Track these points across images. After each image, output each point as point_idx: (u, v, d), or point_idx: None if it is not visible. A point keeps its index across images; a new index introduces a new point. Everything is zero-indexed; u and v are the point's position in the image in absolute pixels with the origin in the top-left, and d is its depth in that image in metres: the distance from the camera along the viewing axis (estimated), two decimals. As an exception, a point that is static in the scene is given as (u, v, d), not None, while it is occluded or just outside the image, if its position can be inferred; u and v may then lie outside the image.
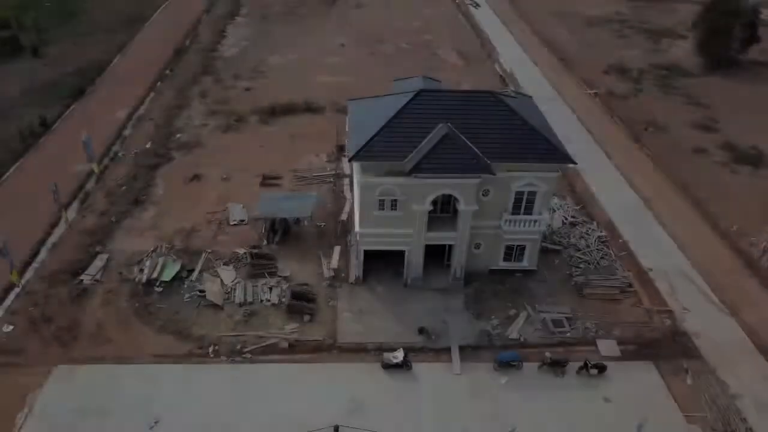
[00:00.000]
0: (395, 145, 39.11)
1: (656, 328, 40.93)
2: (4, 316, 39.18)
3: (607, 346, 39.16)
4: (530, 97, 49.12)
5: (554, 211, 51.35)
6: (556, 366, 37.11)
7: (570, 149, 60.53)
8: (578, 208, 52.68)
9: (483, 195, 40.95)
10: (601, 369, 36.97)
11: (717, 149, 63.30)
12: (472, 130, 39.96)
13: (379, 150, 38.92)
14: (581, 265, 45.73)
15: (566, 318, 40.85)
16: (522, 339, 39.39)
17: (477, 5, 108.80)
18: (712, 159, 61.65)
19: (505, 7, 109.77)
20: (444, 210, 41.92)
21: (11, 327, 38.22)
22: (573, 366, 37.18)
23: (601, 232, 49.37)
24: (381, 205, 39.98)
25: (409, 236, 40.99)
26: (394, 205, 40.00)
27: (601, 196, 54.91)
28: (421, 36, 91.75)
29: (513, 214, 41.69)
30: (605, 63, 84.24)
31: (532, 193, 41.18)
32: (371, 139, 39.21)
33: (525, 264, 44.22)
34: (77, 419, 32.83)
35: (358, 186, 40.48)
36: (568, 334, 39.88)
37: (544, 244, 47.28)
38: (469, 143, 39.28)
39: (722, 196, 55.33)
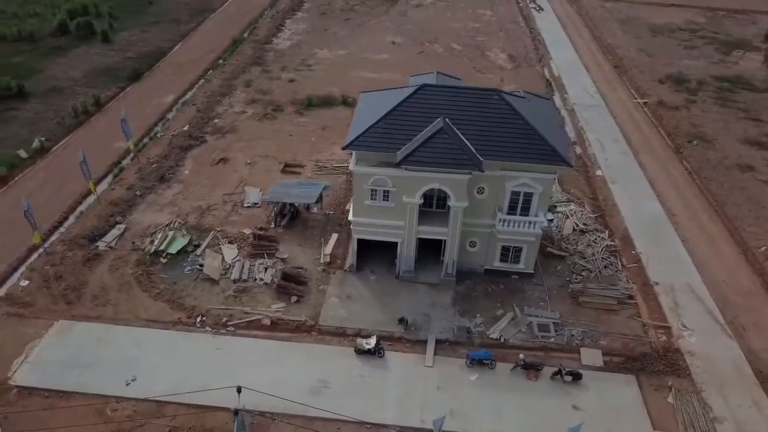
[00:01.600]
0: (391, 136, 39.72)
1: (648, 342, 39.43)
2: (24, 272, 42.75)
3: (591, 355, 38.15)
4: (548, 99, 48.33)
5: (567, 217, 50.32)
6: (530, 369, 36.59)
7: (601, 157, 60.56)
8: (595, 216, 51.23)
9: (478, 193, 40.88)
10: (576, 376, 36.13)
11: (766, 168, 59.79)
12: (471, 126, 40.02)
13: (374, 140, 39.65)
14: (583, 273, 44.63)
15: (553, 323, 40.10)
16: (502, 339, 39.05)
17: (540, 9, 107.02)
18: (757, 177, 58.27)
19: (570, 11, 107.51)
20: (439, 206, 42.12)
21: (27, 282, 41.72)
22: (550, 371, 36.60)
23: (611, 241, 47.89)
24: (373, 195, 40.70)
25: (400, 228, 41.47)
26: (386, 195, 40.62)
27: (623, 206, 53.19)
28: (474, 37, 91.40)
29: (509, 214, 41.35)
30: (663, 72, 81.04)
31: (529, 194, 40.67)
32: (367, 129, 40.02)
33: (521, 266, 43.65)
34: (64, 370, 35.50)
35: (353, 175, 41.41)
36: (552, 340, 39.13)
37: (549, 249, 46.76)
38: (463, 139, 39.35)
39: (760, 216, 52.32)
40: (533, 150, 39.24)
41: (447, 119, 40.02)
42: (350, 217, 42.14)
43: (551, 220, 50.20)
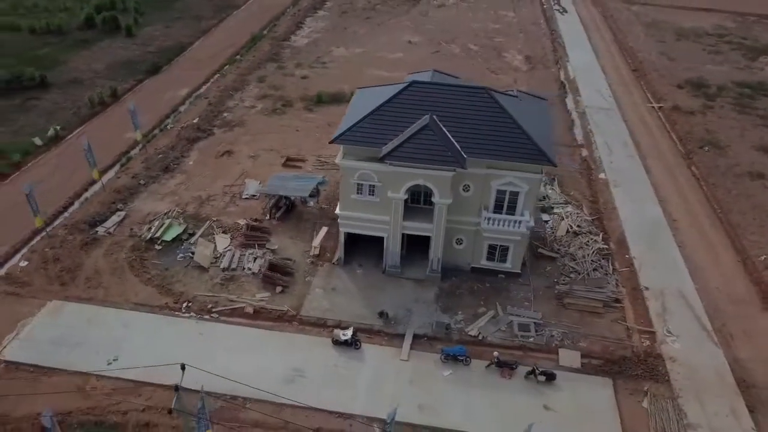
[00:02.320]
0: (377, 132, 40.15)
1: (630, 346, 39.00)
2: (25, 253, 44.51)
3: (569, 357, 37.93)
4: (544, 99, 47.95)
5: (562, 219, 49.99)
6: (504, 367, 36.59)
7: (606, 160, 59.87)
8: (592, 219, 50.73)
9: (464, 190, 41.02)
10: (550, 377, 35.99)
11: (777, 176, 58.39)
12: (459, 124, 40.19)
13: (360, 135, 40.15)
14: (571, 275, 44.32)
15: (534, 323, 39.96)
16: (480, 337, 39.10)
17: (564, 11, 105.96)
18: (767, 185, 56.89)
19: (594, 14, 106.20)
20: (426, 202, 42.33)
21: (26, 263, 43.45)
22: (525, 370, 36.53)
23: (604, 244, 47.40)
24: (359, 189, 41.19)
25: (386, 223, 41.87)
26: (372, 190, 41.06)
27: (623, 209, 52.55)
28: (493, 38, 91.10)
29: (495, 212, 41.35)
30: (683, 77, 79.51)
31: (515, 194, 40.61)
32: (354, 124, 40.56)
33: (508, 266, 43.58)
34: (52, 347, 36.91)
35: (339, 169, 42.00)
36: (531, 339, 39.02)
37: (540, 249, 46.59)
38: (449, 136, 39.55)
39: (765, 225, 51.14)
40: (519, 149, 39.19)
41: (435, 116, 40.25)
42: (337, 211, 42.71)
43: (546, 222, 50.14)
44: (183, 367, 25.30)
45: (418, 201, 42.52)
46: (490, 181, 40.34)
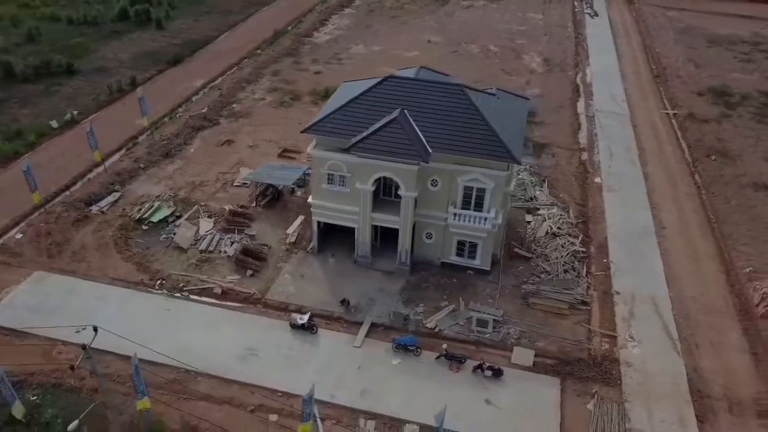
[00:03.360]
0: (349, 124, 41.09)
1: (588, 349, 38.70)
2: (22, 227, 47.37)
3: (522, 355, 37.93)
4: (526, 99, 47.90)
5: (544, 220, 49.72)
6: (453, 360, 36.94)
7: (605, 164, 59.02)
8: (576, 222, 50.24)
9: (432, 185, 41.52)
10: (497, 372, 36.15)
11: (785, 189, 56.33)
12: (429, 119, 40.75)
13: (332, 126, 41.19)
14: (542, 275, 44.15)
15: (494, 320, 40.07)
16: (437, 329, 39.52)
17: (594, 14, 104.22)
18: (771, 198, 55.08)
19: (626, 18, 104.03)
20: (397, 195, 42.86)
21: (21, 235, 46.30)
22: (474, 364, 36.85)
23: (581, 247, 46.95)
24: (330, 179, 42.20)
25: (356, 214, 42.73)
26: (342, 181, 42.00)
27: (611, 214, 51.85)
28: (514, 40, 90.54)
29: (463, 209, 41.65)
30: (706, 84, 77.28)
31: (481, 190, 40.84)
32: (327, 115, 41.69)
33: (477, 262, 43.78)
34: (29, 315, 39.31)
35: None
36: (487, 336, 39.18)
37: (516, 249, 46.56)
38: (417, 130, 40.13)
39: (758, 237, 49.54)
40: (484, 145, 39.43)
41: (405, 111, 40.90)
42: (310, 200, 43.85)
43: (529, 222, 50.00)
44: (95, 329, 26.85)
45: (390, 194, 43.21)
46: (457, 176, 40.70)
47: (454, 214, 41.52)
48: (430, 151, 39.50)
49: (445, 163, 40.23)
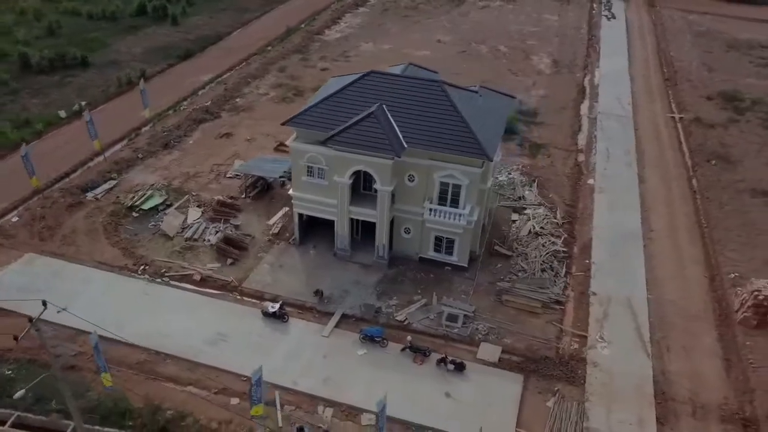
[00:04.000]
0: (329, 117, 41.70)
1: (556, 347, 38.67)
2: (19, 210, 49.22)
3: (488, 351, 38.09)
4: (513, 98, 47.89)
5: (529, 219, 49.66)
6: (417, 352, 37.30)
7: (601, 166, 58.59)
8: (562, 222, 50.03)
9: (409, 180, 41.92)
10: (459, 366, 36.41)
11: (783, 195, 55.17)
12: (407, 114, 41.14)
13: (312, 119, 41.88)
14: (519, 273, 44.17)
15: (464, 315, 40.29)
16: (406, 322, 39.91)
17: (612, 17, 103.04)
18: (768, 204, 54.02)
19: (644, 21, 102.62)
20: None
21: (17, 218, 48.11)
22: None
23: (562, 247, 46.77)
24: (309, 171, 42.91)
25: (335, 206, 43.35)
26: (321, 173, 42.68)
27: (599, 216, 51.52)
28: (525, 41, 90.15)
29: (439, 204, 41.95)
30: (716, 89, 75.98)
31: (457, 186, 41.08)
32: (307, 108, 42.42)
33: (454, 258, 44.02)
34: (15, 293, 40.70)
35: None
36: (456, 330, 39.42)
37: (497, 247, 46.66)
38: (393, 125, 40.58)
39: (748, 243, 48.72)
40: (458, 142, 39.65)
41: (384, 106, 41.39)
42: (290, 192, 44.64)
43: (514, 221, 50.01)
44: (44, 304, 27.93)
45: (369, 188, 43.68)
46: (433, 172, 41.02)
47: (430, 210, 41.84)
48: (406, 146, 39.90)
49: (421, 158, 40.61)
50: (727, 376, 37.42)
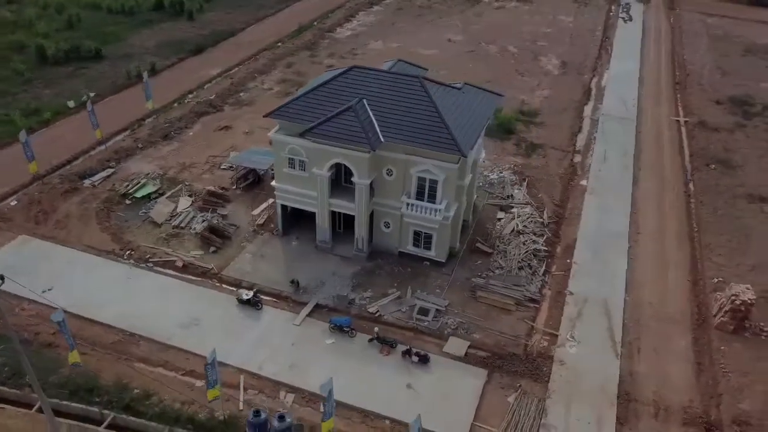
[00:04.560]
0: (310, 110, 42.42)
1: (524, 345, 38.70)
2: (19, 195, 51.04)
3: (456, 345, 38.33)
4: (501, 96, 47.90)
5: (513, 218, 49.64)
6: (384, 343, 37.74)
7: (595, 168, 58.17)
8: (547, 222, 49.88)
9: (387, 174, 42.38)
10: (423, 359, 36.74)
11: (782, 201, 54.09)
12: (387, 109, 41.59)
13: (293, 112, 42.65)
14: (496, 271, 44.26)
15: (436, 309, 40.59)
16: (378, 314, 40.36)
17: (628, 19, 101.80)
18: (765, 210, 52.93)
19: (662, 23, 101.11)
20: (355, 182, 44.03)
21: (15, 202, 49.91)
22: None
23: (543, 246, 46.65)
24: (291, 163, 43.69)
25: (315, 198, 44.04)
26: (302, 165, 43.41)
27: (587, 217, 51.26)
28: (536, 42, 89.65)
29: (417, 199, 42.31)
30: (727, 93, 74.67)
31: (434, 182, 41.39)
32: (290, 101, 43.24)
33: (432, 253, 44.31)
34: (5, 273, 42.30)
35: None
36: (426, 324, 39.73)
37: (478, 244, 46.80)
38: (372, 119, 41.08)
39: (737, 248, 48.01)
40: (433, 137, 39.94)
41: (365, 100, 41.92)
42: (272, 183, 45.47)
43: (500, 219, 50.06)
44: (2, 278, 29.07)
45: (350, 181, 44.22)
46: (410, 167, 41.41)
47: (407, 204, 42.23)
48: (383, 140, 40.36)
49: (398, 153, 41.03)
50: (696, 380, 37.01)
